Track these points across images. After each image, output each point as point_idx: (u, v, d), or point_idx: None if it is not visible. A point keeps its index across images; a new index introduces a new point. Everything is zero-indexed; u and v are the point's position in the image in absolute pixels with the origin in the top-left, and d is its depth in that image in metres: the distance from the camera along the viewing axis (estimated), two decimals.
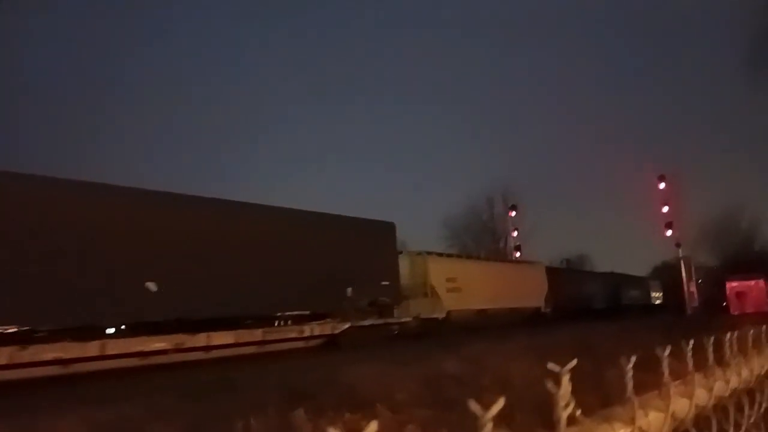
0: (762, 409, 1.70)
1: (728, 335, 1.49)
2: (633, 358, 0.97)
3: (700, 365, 1.33)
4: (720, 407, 1.40)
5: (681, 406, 1.16)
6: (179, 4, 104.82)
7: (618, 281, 47.84)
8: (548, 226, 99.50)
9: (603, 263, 62.95)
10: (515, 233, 51.30)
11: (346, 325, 19.50)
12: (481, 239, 57.46)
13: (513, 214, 51.94)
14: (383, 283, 21.37)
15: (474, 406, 0.61)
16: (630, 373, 0.96)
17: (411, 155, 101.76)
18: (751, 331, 1.74)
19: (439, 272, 24.92)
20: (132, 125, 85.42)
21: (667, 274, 55.09)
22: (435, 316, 24.08)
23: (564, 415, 0.77)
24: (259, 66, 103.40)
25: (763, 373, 1.76)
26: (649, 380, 1.18)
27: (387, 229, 23.13)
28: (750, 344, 1.71)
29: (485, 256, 30.37)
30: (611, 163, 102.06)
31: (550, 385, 0.76)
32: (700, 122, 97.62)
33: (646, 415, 1.03)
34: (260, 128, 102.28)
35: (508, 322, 27.33)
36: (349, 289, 19.79)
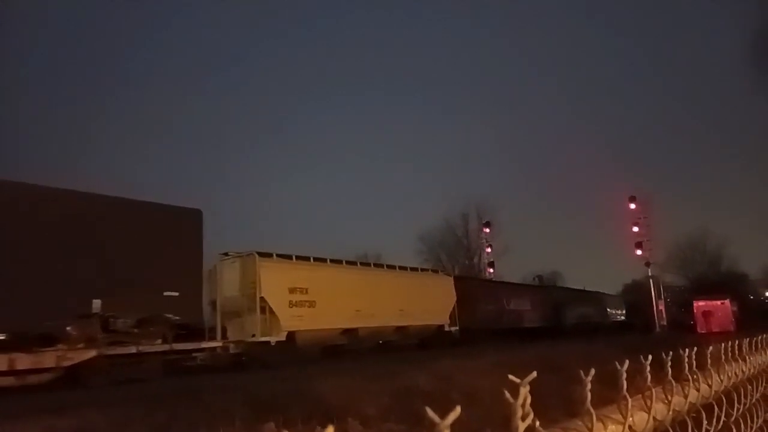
0: (721, 424, 1.74)
1: (687, 351, 1.53)
2: (592, 371, 0.99)
3: (660, 380, 1.36)
4: (679, 421, 1.43)
5: (639, 418, 1.18)
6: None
7: (563, 296, 42.01)
8: (522, 244, 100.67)
9: (576, 280, 63.70)
10: (489, 249, 51.91)
11: (91, 354, 13.44)
12: (456, 255, 57.92)
13: (487, 230, 52.56)
14: (168, 293, 15.62)
15: (431, 413, 0.62)
16: (588, 386, 0.98)
17: (388, 169, 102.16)
18: (711, 348, 1.79)
19: (275, 280, 19.02)
20: None
21: (636, 293, 55.80)
22: (265, 339, 18.11)
23: (521, 424, 0.78)
24: (244, 70, 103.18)
25: (722, 389, 1.80)
26: (610, 396, 1.21)
27: (185, 218, 17.34)
28: (709, 361, 1.75)
29: (362, 261, 24.10)
30: (584, 183, 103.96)
31: (508, 395, 0.77)
32: (671, 145, 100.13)
33: (605, 427, 1.05)
34: (241, 136, 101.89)
35: (385, 345, 22.89)
36: (97, 302, 14.17)
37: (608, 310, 50.19)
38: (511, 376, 0.87)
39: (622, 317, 53.59)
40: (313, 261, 21.50)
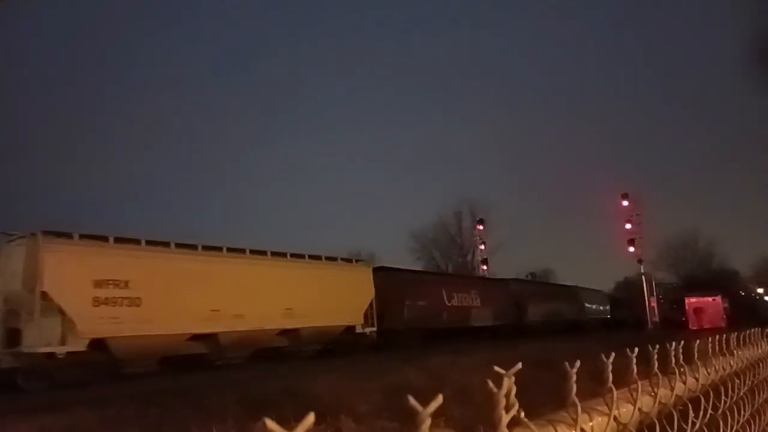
0: (708, 417, 1.76)
1: (674, 345, 1.55)
2: (577, 363, 1.00)
3: (646, 373, 1.38)
4: (665, 414, 1.44)
5: (625, 410, 1.20)
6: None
7: (524, 290, 36.70)
8: (516, 241, 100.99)
9: (569, 278, 63.60)
10: (482, 247, 51.97)
11: None
12: (449, 252, 58.05)
13: (480, 228, 52.62)
14: None
15: (413, 402, 0.62)
16: (573, 378, 0.99)
17: (382, 167, 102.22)
18: (698, 342, 1.81)
19: (70, 269, 14.23)
20: None
21: (628, 290, 55.95)
22: (48, 350, 13.59)
23: (505, 415, 0.79)
24: (243, 69, 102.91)
25: (709, 382, 1.82)
26: (600, 392, 1.22)
27: None
28: (696, 355, 1.77)
29: (232, 246, 18.73)
30: (577, 181, 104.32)
31: (491, 385, 0.78)
32: (664, 142, 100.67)
33: (590, 419, 1.06)
34: (239, 142, 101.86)
35: (267, 353, 18.56)
36: None
37: (586, 306, 44.77)
38: (496, 367, 0.87)
39: (606, 314, 49.28)
40: (145, 245, 16.24)
